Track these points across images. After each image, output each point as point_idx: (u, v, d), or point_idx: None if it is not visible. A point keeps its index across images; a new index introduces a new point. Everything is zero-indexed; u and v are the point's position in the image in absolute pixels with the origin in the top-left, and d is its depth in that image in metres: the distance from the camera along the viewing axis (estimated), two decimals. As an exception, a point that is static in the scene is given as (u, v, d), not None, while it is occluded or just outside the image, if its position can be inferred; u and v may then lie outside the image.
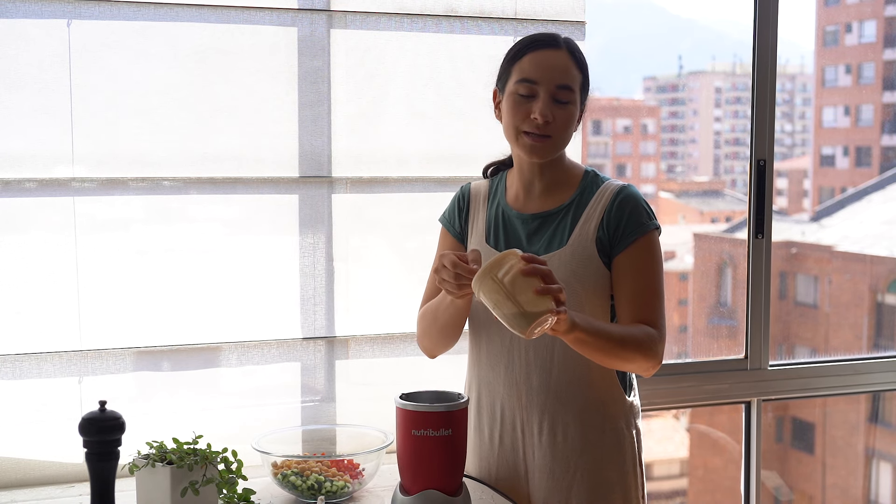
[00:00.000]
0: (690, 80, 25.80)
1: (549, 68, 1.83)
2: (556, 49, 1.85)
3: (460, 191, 2.04)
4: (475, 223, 1.98)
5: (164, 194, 2.20)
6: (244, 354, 2.26)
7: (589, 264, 1.84)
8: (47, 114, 2.09)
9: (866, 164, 12.79)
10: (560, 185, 1.92)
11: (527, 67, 1.84)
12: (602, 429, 1.88)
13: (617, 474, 1.89)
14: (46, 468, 2.10)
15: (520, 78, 1.84)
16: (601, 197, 1.88)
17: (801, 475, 7.24)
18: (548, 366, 1.87)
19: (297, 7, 2.24)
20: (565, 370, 1.87)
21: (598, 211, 1.86)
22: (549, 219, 1.90)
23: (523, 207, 1.93)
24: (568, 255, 1.85)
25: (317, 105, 2.28)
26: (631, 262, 1.84)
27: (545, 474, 1.87)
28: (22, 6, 2.06)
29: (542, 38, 1.87)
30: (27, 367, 2.11)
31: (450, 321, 1.88)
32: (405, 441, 1.74)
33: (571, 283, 1.83)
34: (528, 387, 1.88)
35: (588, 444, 1.87)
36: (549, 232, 1.89)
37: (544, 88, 1.83)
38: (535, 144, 1.84)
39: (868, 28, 13.77)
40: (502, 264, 1.60)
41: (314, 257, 2.30)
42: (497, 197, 1.97)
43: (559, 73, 1.83)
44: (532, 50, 1.85)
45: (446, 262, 1.70)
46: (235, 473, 1.78)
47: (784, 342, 8.76)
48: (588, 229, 1.86)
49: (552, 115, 1.82)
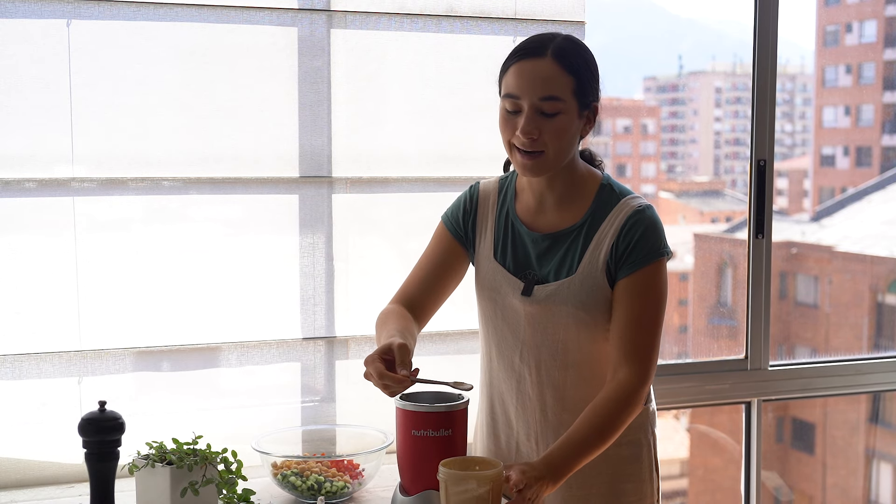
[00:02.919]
0: (690, 80, 25.79)
1: (530, 81, 1.72)
2: (538, 58, 1.73)
3: (469, 191, 1.94)
4: (483, 232, 1.90)
5: (164, 194, 2.19)
6: (244, 354, 2.26)
7: (597, 294, 1.78)
8: (47, 114, 2.09)
9: (866, 164, 12.80)
10: (574, 197, 1.84)
11: (510, 81, 1.75)
12: (619, 442, 1.81)
13: (634, 484, 1.87)
14: (46, 468, 2.10)
15: (504, 93, 1.76)
16: (615, 218, 1.79)
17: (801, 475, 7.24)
18: (560, 384, 1.83)
19: (297, 7, 2.24)
20: (579, 387, 1.83)
21: (611, 235, 1.78)
22: (560, 239, 1.82)
23: (534, 223, 1.85)
24: (577, 284, 1.79)
25: (317, 105, 2.28)
26: (630, 290, 1.77)
27: (561, 487, 1.81)
28: (22, 6, 2.06)
29: (526, 48, 1.76)
30: (27, 367, 2.11)
31: None
32: (405, 441, 1.74)
33: (578, 313, 1.79)
34: (542, 404, 1.85)
35: (607, 459, 1.82)
36: (559, 255, 1.82)
37: (527, 102, 1.72)
38: (527, 162, 1.75)
39: (868, 28, 13.77)
40: (463, 482, 1.59)
41: (314, 257, 2.30)
42: (507, 202, 1.89)
43: (541, 84, 1.71)
44: (514, 62, 1.75)
45: (373, 372, 1.63)
46: (235, 474, 1.78)
47: (784, 342, 8.76)
48: (598, 256, 1.78)
49: (538, 130, 1.72)
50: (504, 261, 1.86)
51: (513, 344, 1.85)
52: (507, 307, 1.84)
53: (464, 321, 2.31)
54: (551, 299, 1.80)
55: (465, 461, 1.67)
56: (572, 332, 1.81)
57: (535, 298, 1.81)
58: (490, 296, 1.87)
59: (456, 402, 1.74)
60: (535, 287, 1.81)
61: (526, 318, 1.82)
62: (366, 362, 1.65)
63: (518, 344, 1.85)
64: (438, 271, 1.91)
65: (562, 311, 1.80)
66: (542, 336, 1.82)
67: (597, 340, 1.82)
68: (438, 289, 1.91)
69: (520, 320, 1.83)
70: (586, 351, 1.82)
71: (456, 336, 2.38)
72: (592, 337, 1.81)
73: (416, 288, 1.91)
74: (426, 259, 1.94)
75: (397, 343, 1.65)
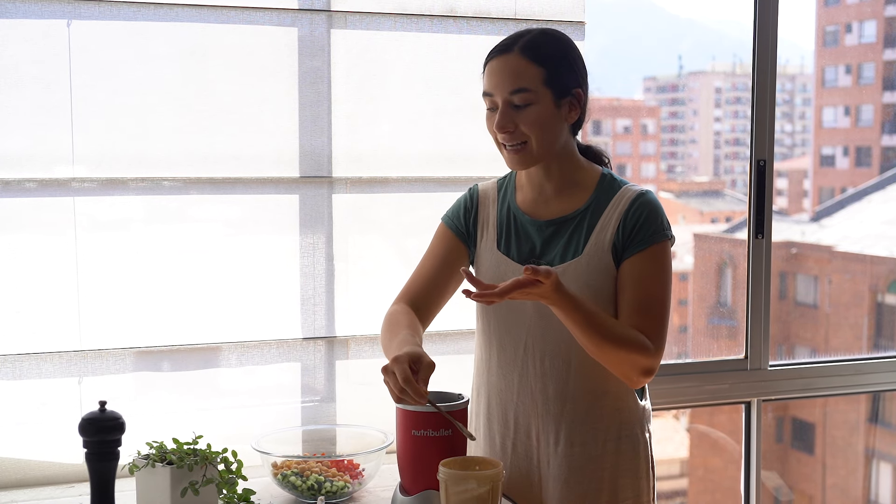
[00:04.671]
0: (690, 80, 25.79)
1: (498, 77, 1.79)
2: (505, 54, 1.79)
3: (468, 192, 1.99)
4: (485, 228, 1.93)
5: (164, 194, 2.20)
6: (244, 354, 2.26)
7: (604, 275, 1.81)
8: (47, 113, 2.09)
9: (866, 164, 12.79)
10: (574, 187, 1.87)
11: (485, 81, 1.83)
12: (618, 436, 1.85)
13: (631, 480, 1.87)
14: (46, 468, 2.10)
15: (483, 92, 1.83)
16: (618, 202, 1.83)
17: (801, 475, 7.24)
18: (564, 375, 1.84)
19: (297, 7, 2.24)
20: (582, 378, 1.84)
21: (615, 218, 1.81)
22: (563, 225, 1.85)
23: (536, 212, 1.88)
24: (584, 265, 1.81)
25: (317, 105, 2.28)
26: (638, 269, 1.79)
27: (559, 482, 1.85)
28: (22, 6, 2.06)
29: (498, 46, 1.83)
30: (27, 367, 2.11)
31: None
32: (405, 441, 1.74)
33: (585, 293, 1.79)
34: (545, 396, 1.85)
35: (605, 453, 1.85)
36: (563, 239, 1.84)
37: (500, 98, 1.79)
38: (514, 156, 1.81)
39: (868, 28, 13.76)
40: (463, 482, 1.60)
41: (314, 257, 2.30)
42: (507, 198, 1.93)
43: (508, 78, 1.78)
44: (488, 61, 1.83)
45: (398, 373, 1.62)
46: (235, 473, 1.78)
47: (784, 342, 8.75)
48: (604, 238, 1.81)
49: (513, 124, 1.78)
50: (508, 251, 1.88)
51: (517, 335, 1.86)
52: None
53: (463, 321, 2.31)
54: None
55: (465, 461, 1.68)
56: None
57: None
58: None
59: (456, 402, 1.74)
60: None
61: (532, 306, 1.83)
62: (394, 360, 1.64)
63: (523, 335, 1.86)
64: (442, 270, 1.93)
65: None
66: (547, 324, 1.83)
67: None
68: (442, 288, 1.93)
69: (526, 309, 1.84)
70: None
71: (456, 336, 2.38)
72: None
73: (421, 287, 1.92)
74: (429, 259, 1.96)
75: (427, 361, 1.65)
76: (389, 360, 1.66)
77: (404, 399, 1.63)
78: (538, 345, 1.84)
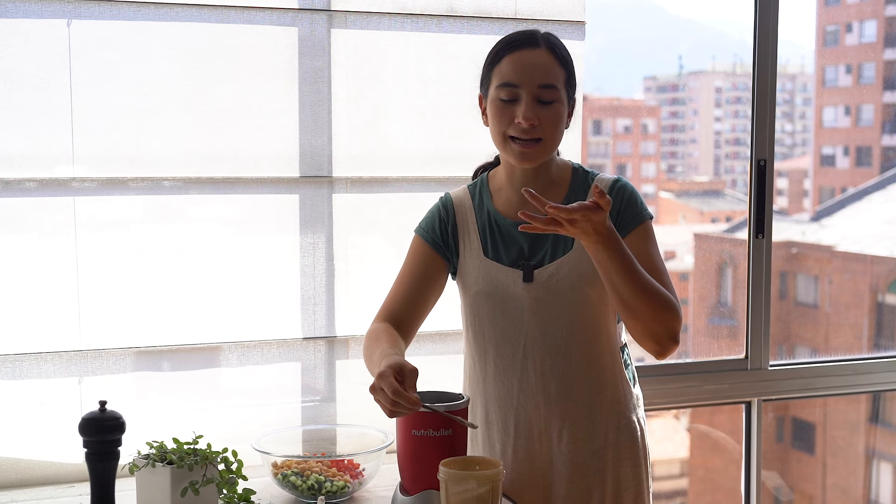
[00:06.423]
0: (690, 80, 25.78)
1: (529, 69, 1.76)
2: (534, 48, 1.78)
3: (440, 202, 1.95)
4: (466, 236, 1.90)
5: (164, 194, 2.20)
6: (244, 354, 2.26)
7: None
8: (47, 113, 2.09)
9: (866, 164, 12.78)
10: (552, 185, 1.87)
11: (506, 70, 1.78)
12: (618, 425, 1.87)
13: (631, 469, 1.88)
14: (46, 468, 2.10)
15: (500, 82, 1.78)
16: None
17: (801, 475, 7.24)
18: (565, 373, 1.84)
19: (297, 7, 2.24)
20: (583, 374, 1.84)
21: None
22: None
23: (518, 215, 1.88)
24: (576, 259, 1.82)
25: (317, 105, 2.28)
26: (633, 250, 1.78)
27: (564, 479, 1.85)
28: (22, 6, 2.06)
29: (519, 38, 1.80)
30: (27, 367, 2.11)
31: None
32: (405, 441, 1.74)
33: (581, 286, 1.80)
34: (546, 397, 1.85)
35: (607, 444, 1.86)
36: (550, 238, 1.84)
37: (526, 90, 1.76)
38: (526, 151, 1.78)
39: (868, 28, 13.75)
40: (463, 482, 1.60)
41: (314, 257, 2.30)
42: (484, 204, 1.90)
43: (540, 72, 1.77)
44: (509, 51, 1.79)
45: (385, 388, 1.59)
46: (235, 473, 1.78)
47: (784, 342, 8.75)
48: None
49: (537, 118, 1.76)
50: (497, 257, 1.87)
51: (515, 339, 1.85)
52: (507, 301, 1.84)
53: (461, 321, 2.30)
54: (554, 279, 1.81)
55: (465, 461, 1.68)
56: (577, 313, 1.82)
57: (538, 282, 1.82)
58: (486, 295, 1.86)
59: (456, 402, 1.74)
60: (535, 272, 1.83)
61: (530, 307, 1.83)
62: (379, 376, 1.62)
63: (521, 338, 1.85)
64: (420, 286, 1.90)
65: (566, 288, 1.81)
66: (546, 323, 1.83)
67: (599, 321, 1.84)
68: (421, 304, 1.90)
69: (523, 311, 1.84)
70: (590, 334, 1.84)
71: (456, 336, 2.38)
72: (595, 316, 1.83)
73: (399, 304, 1.89)
74: (406, 275, 1.92)
75: (409, 368, 1.64)
76: (374, 377, 1.65)
77: (398, 412, 1.61)
78: (538, 345, 1.84)
